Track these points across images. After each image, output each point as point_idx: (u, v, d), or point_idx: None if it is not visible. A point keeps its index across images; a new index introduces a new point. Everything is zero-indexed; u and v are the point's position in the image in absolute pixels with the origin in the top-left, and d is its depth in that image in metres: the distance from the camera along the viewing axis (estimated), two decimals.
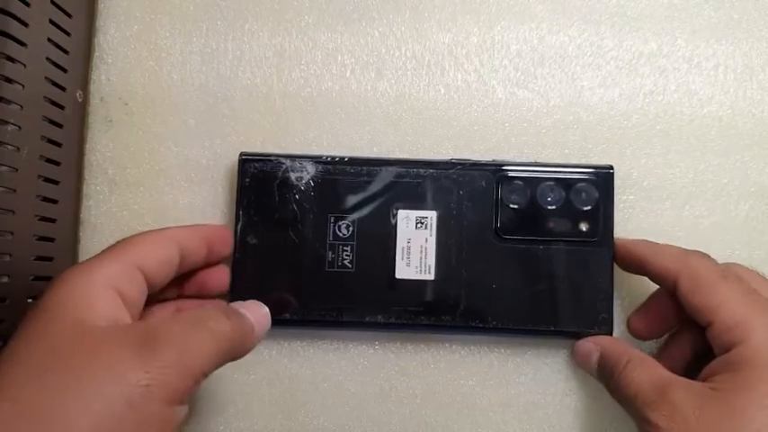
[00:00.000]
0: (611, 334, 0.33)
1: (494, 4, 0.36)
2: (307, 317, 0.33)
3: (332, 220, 0.33)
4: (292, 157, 0.34)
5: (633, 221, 0.35)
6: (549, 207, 0.33)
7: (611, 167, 0.34)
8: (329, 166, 0.33)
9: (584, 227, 0.33)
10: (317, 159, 0.34)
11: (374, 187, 0.33)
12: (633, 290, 0.34)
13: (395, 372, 0.34)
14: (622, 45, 0.36)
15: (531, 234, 0.33)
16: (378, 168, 0.33)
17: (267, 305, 0.31)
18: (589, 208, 0.33)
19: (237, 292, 0.33)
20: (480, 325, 0.33)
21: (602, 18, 0.36)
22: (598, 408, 0.34)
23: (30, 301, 0.31)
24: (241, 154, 0.34)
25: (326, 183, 0.33)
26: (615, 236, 0.34)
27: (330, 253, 0.33)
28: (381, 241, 0.33)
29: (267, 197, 0.33)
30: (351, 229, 0.33)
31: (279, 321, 0.33)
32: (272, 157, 0.34)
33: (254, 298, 0.32)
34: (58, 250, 0.33)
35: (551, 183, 0.33)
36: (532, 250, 0.33)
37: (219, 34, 0.36)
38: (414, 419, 0.34)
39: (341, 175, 0.33)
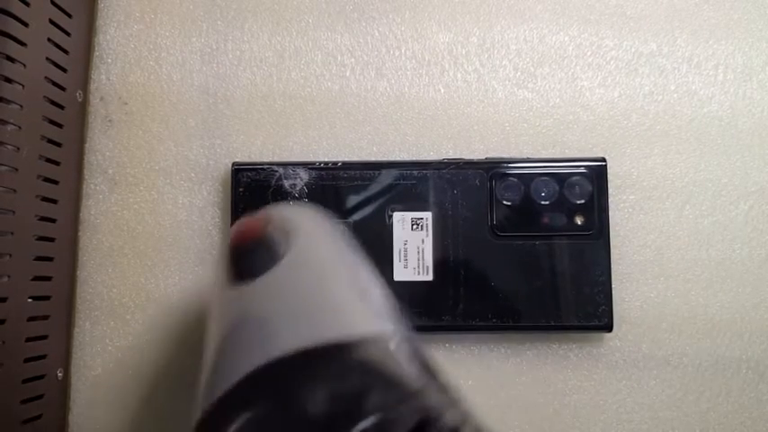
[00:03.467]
0: (611, 326, 0.33)
1: (494, 4, 0.36)
2: None
3: None
4: (285, 165, 0.34)
5: (633, 221, 0.35)
6: (544, 202, 0.33)
7: (604, 160, 0.34)
8: (322, 172, 0.33)
9: (579, 220, 0.33)
10: (309, 166, 0.34)
11: (368, 191, 0.33)
12: (631, 281, 0.34)
13: None
14: (622, 45, 0.36)
15: (526, 230, 0.33)
16: (371, 172, 0.33)
17: None
18: (583, 201, 0.33)
19: None
20: (480, 324, 0.33)
21: (602, 18, 0.36)
22: (598, 408, 0.34)
23: (30, 300, 0.31)
24: (234, 164, 0.34)
25: (320, 189, 0.33)
26: (616, 235, 0.34)
27: None
28: (378, 244, 0.33)
29: (262, 206, 0.33)
30: (346, 233, 0.33)
31: None
32: (264, 166, 0.34)
33: None
34: (57, 250, 0.33)
35: (545, 178, 0.33)
36: (529, 246, 0.33)
37: (219, 34, 0.36)
38: None
39: (334, 181, 0.33)
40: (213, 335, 0.23)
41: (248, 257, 0.24)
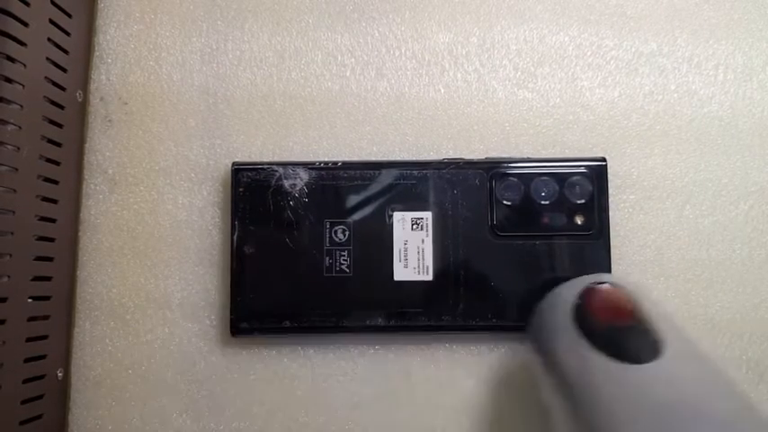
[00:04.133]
0: None
1: (494, 4, 0.36)
2: (307, 324, 0.33)
3: (328, 226, 0.33)
4: (285, 165, 0.34)
5: (633, 221, 0.35)
6: (544, 202, 0.33)
7: (604, 160, 0.34)
8: (322, 172, 0.33)
9: (579, 220, 0.33)
10: (309, 165, 0.34)
11: (368, 191, 0.33)
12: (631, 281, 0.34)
13: (395, 372, 0.34)
14: (622, 45, 0.36)
15: (526, 230, 0.33)
16: (371, 172, 0.33)
17: (267, 314, 0.31)
18: (583, 201, 0.33)
19: (237, 303, 0.33)
20: (480, 323, 0.33)
21: (602, 18, 0.36)
22: None
23: (30, 300, 0.31)
24: (234, 163, 0.34)
25: (320, 188, 0.33)
26: (616, 235, 0.34)
27: (327, 258, 0.33)
28: (378, 244, 0.33)
29: (262, 205, 0.33)
30: (347, 233, 0.33)
31: (279, 330, 0.33)
32: (264, 166, 0.34)
33: (253, 308, 0.33)
34: (58, 250, 0.33)
35: (545, 178, 0.33)
36: (529, 246, 0.33)
37: (219, 34, 0.36)
38: (414, 419, 0.34)
39: (334, 180, 0.33)
40: (596, 410, 0.24)
41: (630, 339, 0.25)
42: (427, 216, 0.33)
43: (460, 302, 0.33)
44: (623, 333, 0.25)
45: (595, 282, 0.28)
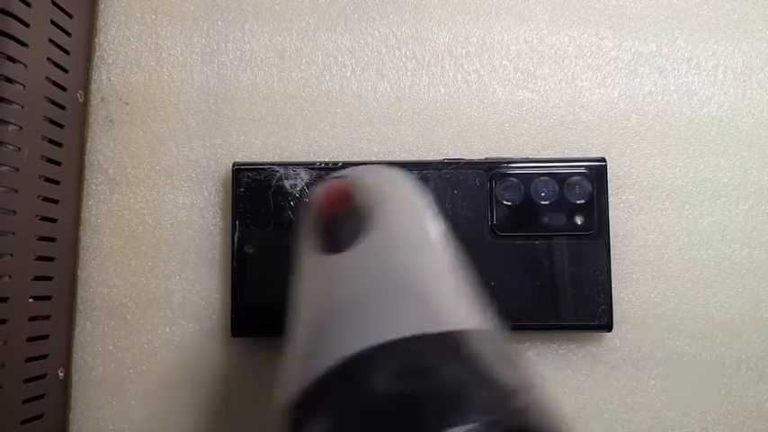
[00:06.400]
0: (610, 326, 0.33)
1: (494, 5, 0.37)
2: None
3: None
4: (286, 165, 0.34)
5: (633, 221, 0.35)
6: (544, 202, 0.33)
7: (604, 160, 0.34)
8: (323, 173, 0.34)
9: (579, 220, 0.33)
10: (310, 166, 0.34)
11: None
12: (631, 281, 0.35)
13: None
14: (622, 45, 0.36)
15: (526, 230, 0.33)
16: None
17: (267, 314, 0.31)
18: (583, 201, 0.33)
19: (237, 302, 0.33)
20: None
21: (602, 19, 0.36)
22: (598, 408, 0.34)
23: (31, 300, 0.31)
24: (234, 164, 0.34)
25: None
26: (616, 235, 0.34)
27: None
28: None
29: (262, 206, 0.33)
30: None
31: (280, 329, 0.33)
32: (265, 166, 0.34)
33: (254, 308, 0.33)
34: (59, 250, 0.33)
35: (545, 178, 0.33)
36: (529, 246, 0.33)
37: (220, 34, 0.36)
38: None
39: None
40: (304, 306, 0.23)
41: (336, 227, 0.24)
42: None
43: None
44: (333, 221, 0.24)
45: (331, 177, 0.26)
